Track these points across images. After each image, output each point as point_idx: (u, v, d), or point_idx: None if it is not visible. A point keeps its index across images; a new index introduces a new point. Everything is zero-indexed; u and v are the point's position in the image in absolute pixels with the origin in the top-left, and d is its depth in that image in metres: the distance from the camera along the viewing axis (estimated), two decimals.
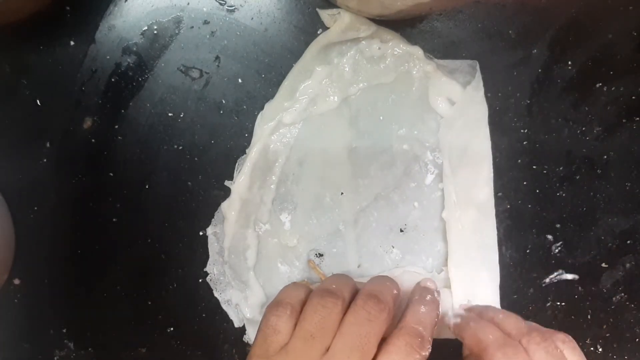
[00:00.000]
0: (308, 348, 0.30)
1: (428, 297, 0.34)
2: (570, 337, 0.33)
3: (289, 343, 0.31)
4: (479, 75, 0.38)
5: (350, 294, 0.33)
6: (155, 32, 0.38)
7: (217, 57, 0.39)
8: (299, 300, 0.33)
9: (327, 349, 0.30)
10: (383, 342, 0.31)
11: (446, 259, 0.39)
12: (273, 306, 0.32)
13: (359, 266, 0.39)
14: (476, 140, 0.39)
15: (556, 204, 0.39)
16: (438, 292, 0.36)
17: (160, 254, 0.39)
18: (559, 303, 0.40)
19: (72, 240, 0.39)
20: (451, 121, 0.38)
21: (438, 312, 0.34)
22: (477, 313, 0.36)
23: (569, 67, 0.39)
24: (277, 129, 0.38)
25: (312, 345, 0.30)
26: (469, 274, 0.38)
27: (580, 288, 0.40)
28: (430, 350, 0.31)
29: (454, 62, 0.39)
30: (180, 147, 0.39)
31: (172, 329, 0.40)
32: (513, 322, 0.34)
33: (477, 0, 0.39)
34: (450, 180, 0.38)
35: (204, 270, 0.39)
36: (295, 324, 0.31)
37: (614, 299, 0.40)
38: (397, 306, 0.33)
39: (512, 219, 0.39)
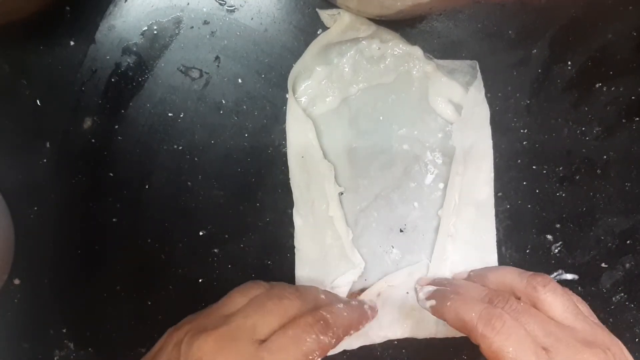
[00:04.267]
0: (243, 325, 0.30)
1: (354, 302, 0.35)
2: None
3: (232, 315, 0.31)
4: (479, 76, 0.38)
5: (313, 307, 0.32)
6: (155, 32, 0.38)
7: (217, 57, 0.39)
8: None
9: (262, 340, 0.30)
10: None
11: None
12: (241, 286, 0.34)
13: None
14: (478, 141, 0.39)
15: (556, 204, 0.40)
16: (372, 307, 0.36)
17: (160, 254, 0.39)
18: None
19: (72, 240, 0.39)
20: (462, 125, 0.38)
21: (358, 316, 0.34)
22: (446, 284, 0.36)
23: (569, 67, 0.39)
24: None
25: (245, 324, 0.30)
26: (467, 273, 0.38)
27: (580, 288, 0.40)
28: (335, 342, 0.31)
29: (454, 62, 0.39)
30: (180, 147, 0.39)
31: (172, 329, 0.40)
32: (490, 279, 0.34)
33: (477, 1, 0.39)
34: (458, 182, 0.38)
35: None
36: None
37: (614, 299, 0.40)
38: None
39: (512, 219, 0.39)
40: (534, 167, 0.39)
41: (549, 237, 0.40)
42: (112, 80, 0.39)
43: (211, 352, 0.29)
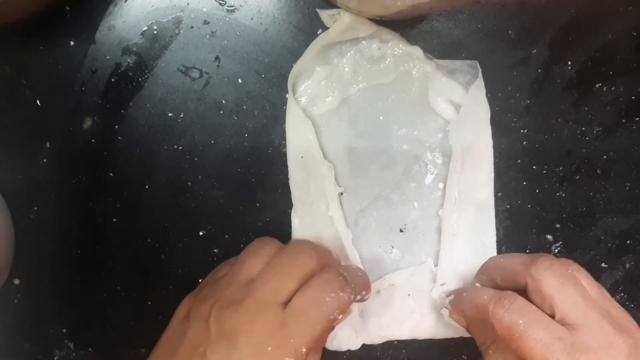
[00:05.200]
0: (266, 291, 0.30)
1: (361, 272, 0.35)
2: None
3: (252, 282, 0.31)
4: (480, 75, 0.38)
5: (325, 262, 0.33)
6: (155, 32, 0.38)
7: (217, 57, 0.39)
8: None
9: (285, 302, 0.30)
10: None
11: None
12: (252, 247, 0.34)
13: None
14: (478, 140, 0.39)
15: (556, 204, 0.40)
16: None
17: (160, 254, 0.39)
18: None
19: (72, 240, 0.39)
20: (460, 122, 0.38)
21: (368, 281, 0.34)
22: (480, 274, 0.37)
23: (569, 67, 0.39)
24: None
25: (268, 291, 0.30)
26: (466, 273, 0.38)
27: None
28: (352, 297, 0.31)
29: (454, 62, 0.39)
30: (180, 147, 0.39)
31: None
32: (519, 257, 0.33)
33: (477, 1, 0.39)
34: (456, 180, 0.38)
35: None
36: None
37: (613, 299, 0.40)
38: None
39: (512, 219, 0.39)
40: (534, 167, 0.39)
41: (549, 237, 0.40)
42: (112, 80, 0.39)
43: (241, 324, 0.29)
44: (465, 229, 0.38)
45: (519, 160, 0.39)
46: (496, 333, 0.30)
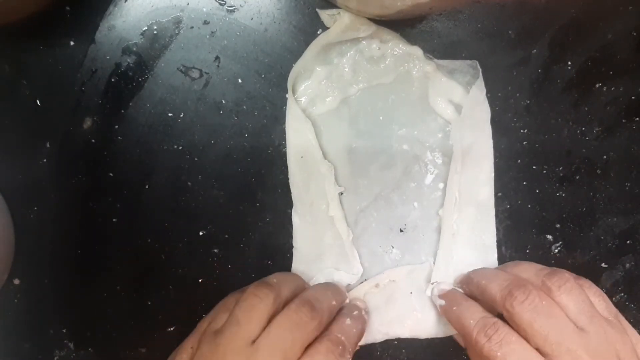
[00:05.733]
0: (233, 334, 0.31)
1: (355, 312, 0.36)
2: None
3: (222, 327, 0.32)
4: (481, 75, 0.38)
5: (290, 291, 0.34)
6: (155, 32, 0.38)
7: (217, 57, 0.39)
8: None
9: (253, 341, 0.31)
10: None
11: None
12: (238, 291, 0.35)
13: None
14: (479, 140, 0.39)
15: (556, 204, 0.40)
16: (367, 311, 0.37)
17: (160, 254, 0.39)
18: None
19: (72, 240, 0.39)
20: (460, 122, 0.38)
21: (363, 328, 0.36)
22: (464, 284, 0.37)
23: (569, 67, 0.39)
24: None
25: (237, 332, 0.31)
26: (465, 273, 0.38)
27: None
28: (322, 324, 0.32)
29: (454, 62, 0.39)
30: (180, 147, 0.39)
31: (172, 329, 0.40)
32: (498, 282, 0.34)
33: (477, 1, 0.39)
34: (456, 180, 0.38)
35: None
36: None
37: (614, 299, 0.40)
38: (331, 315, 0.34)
39: (512, 219, 0.39)
40: (534, 167, 0.39)
41: (549, 237, 0.40)
42: (112, 80, 0.39)
43: None
44: (465, 229, 0.38)
45: (519, 160, 0.39)
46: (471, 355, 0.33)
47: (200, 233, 0.39)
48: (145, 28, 0.38)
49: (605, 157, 0.39)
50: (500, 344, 0.31)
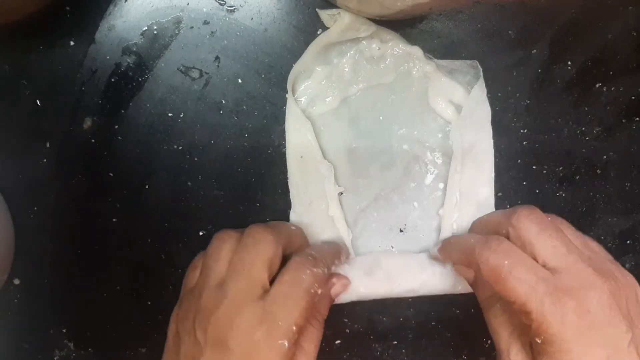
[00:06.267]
0: (243, 284, 0.31)
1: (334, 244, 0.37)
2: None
3: (223, 284, 0.31)
4: (481, 75, 0.38)
5: (287, 234, 0.34)
6: (155, 32, 0.38)
7: (217, 57, 0.39)
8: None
9: (265, 290, 0.31)
10: None
11: None
12: (211, 249, 0.34)
13: None
14: (479, 140, 0.39)
15: (556, 204, 0.39)
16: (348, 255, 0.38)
17: (160, 254, 0.39)
18: None
19: (72, 240, 0.39)
20: (461, 122, 0.38)
21: (338, 251, 0.36)
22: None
23: (569, 67, 0.39)
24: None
25: (248, 282, 0.31)
26: None
27: None
28: (325, 269, 0.33)
29: (454, 62, 0.39)
30: (180, 147, 0.39)
31: None
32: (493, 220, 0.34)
33: (477, 1, 0.39)
34: (457, 180, 0.38)
35: None
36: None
37: None
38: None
39: None
40: (534, 167, 0.39)
41: None
42: (112, 80, 0.39)
43: (226, 328, 0.29)
44: (465, 229, 0.38)
45: (519, 160, 0.39)
46: (482, 275, 0.30)
47: (200, 233, 0.39)
48: (145, 28, 0.38)
49: (605, 157, 0.39)
50: (506, 254, 0.30)
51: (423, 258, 0.37)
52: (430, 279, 0.37)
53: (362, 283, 0.36)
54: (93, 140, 0.39)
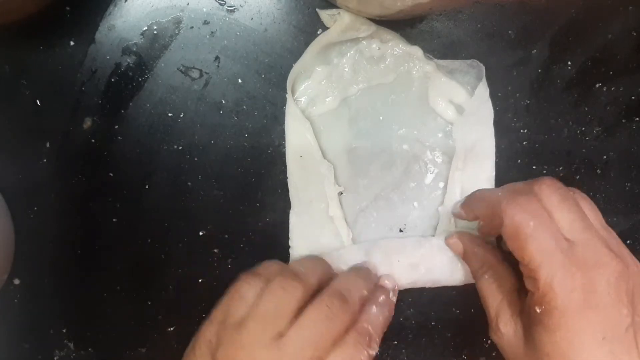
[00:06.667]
0: (260, 330, 0.30)
1: (381, 298, 0.34)
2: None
3: (244, 321, 0.30)
4: (484, 74, 0.38)
5: (317, 280, 0.33)
6: (155, 32, 0.38)
7: (217, 57, 0.39)
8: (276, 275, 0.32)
9: (281, 334, 0.29)
10: None
11: None
12: (249, 274, 0.33)
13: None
14: (480, 140, 0.39)
15: None
16: (395, 290, 0.36)
17: (160, 254, 0.39)
18: None
19: (72, 240, 0.39)
20: (464, 121, 0.38)
21: (390, 313, 0.34)
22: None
23: (569, 67, 0.39)
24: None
25: (264, 327, 0.30)
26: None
27: None
28: (377, 349, 0.32)
29: (454, 62, 0.39)
30: (180, 147, 0.39)
31: (172, 329, 0.40)
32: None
33: (477, 1, 0.39)
34: (458, 177, 0.38)
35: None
36: None
37: None
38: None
39: None
40: (534, 167, 0.39)
41: None
42: (112, 80, 0.39)
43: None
44: (464, 225, 0.38)
45: (519, 160, 0.39)
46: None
47: (200, 233, 0.39)
48: (145, 28, 0.38)
49: (605, 157, 0.39)
50: (534, 215, 0.29)
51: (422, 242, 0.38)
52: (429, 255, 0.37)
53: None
54: (93, 140, 0.39)
